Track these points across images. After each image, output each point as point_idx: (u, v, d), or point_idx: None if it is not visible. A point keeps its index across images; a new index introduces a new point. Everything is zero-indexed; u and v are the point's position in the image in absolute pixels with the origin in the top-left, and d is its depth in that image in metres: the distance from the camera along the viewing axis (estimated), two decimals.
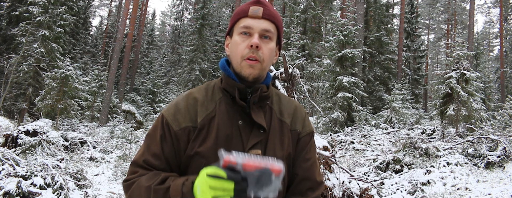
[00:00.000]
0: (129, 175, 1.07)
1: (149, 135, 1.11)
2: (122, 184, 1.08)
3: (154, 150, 1.07)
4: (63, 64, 13.98)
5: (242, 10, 1.11)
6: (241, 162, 0.85)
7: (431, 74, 27.94)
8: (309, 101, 6.00)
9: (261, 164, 0.86)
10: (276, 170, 0.86)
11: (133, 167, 1.08)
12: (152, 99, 24.63)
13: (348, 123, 14.07)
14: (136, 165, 1.07)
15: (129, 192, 1.03)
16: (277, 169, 0.86)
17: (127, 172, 1.09)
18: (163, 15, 48.74)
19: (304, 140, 1.18)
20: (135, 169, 1.07)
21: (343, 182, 4.75)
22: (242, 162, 0.85)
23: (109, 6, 36.23)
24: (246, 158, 0.86)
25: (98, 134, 13.11)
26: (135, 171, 1.06)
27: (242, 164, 0.85)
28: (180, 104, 1.11)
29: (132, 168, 1.08)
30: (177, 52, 31.12)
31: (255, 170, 0.85)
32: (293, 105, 1.22)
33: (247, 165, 0.85)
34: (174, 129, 1.07)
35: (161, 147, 1.06)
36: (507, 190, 5.73)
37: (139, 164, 1.06)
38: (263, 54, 1.07)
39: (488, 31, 41.34)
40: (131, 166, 1.09)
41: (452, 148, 8.76)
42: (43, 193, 4.68)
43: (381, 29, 21.86)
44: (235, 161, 0.85)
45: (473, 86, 12.31)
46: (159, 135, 1.08)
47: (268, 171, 0.85)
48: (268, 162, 0.87)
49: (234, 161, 0.85)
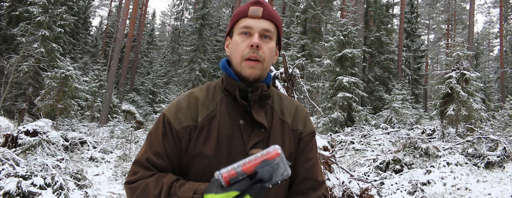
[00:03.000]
0: (131, 175, 1.06)
1: (150, 134, 1.11)
2: (124, 185, 1.07)
3: (156, 148, 1.06)
4: (63, 64, 13.97)
5: (242, 11, 1.12)
6: (240, 170, 0.86)
7: (431, 74, 27.90)
8: (309, 101, 6.00)
9: (258, 160, 0.86)
10: (273, 156, 0.86)
11: (134, 166, 1.07)
12: (152, 98, 24.63)
13: (348, 123, 14.06)
14: (138, 165, 1.06)
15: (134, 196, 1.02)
16: (273, 154, 0.87)
17: (128, 172, 1.09)
18: (163, 15, 48.78)
19: (305, 139, 1.18)
20: (137, 169, 1.06)
21: (343, 182, 4.75)
22: (240, 169, 0.86)
23: (109, 6, 36.24)
24: (241, 164, 0.87)
25: (98, 134, 13.11)
26: (136, 172, 1.05)
27: (241, 171, 0.86)
28: (181, 103, 1.12)
29: (133, 168, 1.07)
30: (177, 52, 31.12)
31: (256, 168, 0.86)
32: (294, 104, 1.22)
33: (246, 169, 0.86)
34: (176, 128, 1.07)
35: (163, 145, 1.06)
36: (507, 190, 5.73)
37: (141, 163, 1.06)
38: (263, 53, 1.08)
39: (488, 31, 41.35)
40: (133, 165, 1.08)
41: (452, 148, 8.76)
42: (43, 193, 4.68)
43: (381, 29, 21.86)
44: (234, 172, 0.86)
45: (473, 86, 12.31)
46: (161, 134, 1.07)
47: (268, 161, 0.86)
48: (262, 155, 0.87)
49: (233, 173, 0.85)
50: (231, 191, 0.84)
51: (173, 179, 1.01)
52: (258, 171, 0.86)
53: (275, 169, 0.87)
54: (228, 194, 0.84)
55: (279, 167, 0.87)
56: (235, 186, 0.85)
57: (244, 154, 1.04)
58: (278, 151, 0.87)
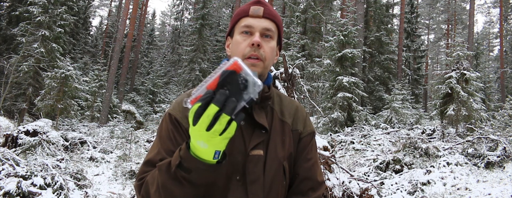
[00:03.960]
0: (141, 174, 1.03)
1: (161, 134, 1.09)
2: (134, 184, 1.05)
3: (170, 147, 1.04)
4: (63, 64, 13.98)
5: (243, 10, 1.13)
6: (204, 87, 0.80)
7: (431, 74, 27.91)
8: (309, 101, 6.00)
9: (218, 74, 0.80)
10: (232, 67, 0.80)
11: (145, 166, 1.04)
12: (152, 98, 24.64)
13: (348, 123, 14.06)
14: (150, 164, 1.03)
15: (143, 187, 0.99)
16: (232, 65, 0.80)
17: (139, 172, 1.06)
18: (163, 15, 48.79)
19: (305, 140, 1.18)
20: (148, 168, 1.03)
21: (343, 182, 4.75)
22: (205, 87, 0.80)
23: (109, 6, 36.24)
24: (204, 83, 0.82)
25: (98, 134, 13.11)
26: (148, 170, 1.02)
27: (206, 89, 0.80)
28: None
29: (144, 168, 1.04)
30: (177, 52, 31.12)
31: (218, 82, 0.80)
32: (294, 105, 1.22)
33: (210, 85, 0.80)
34: (185, 126, 1.06)
35: (176, 143, 1.04)
36: (507, 190, 5.73)
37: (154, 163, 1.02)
38: (264, 52, 1.08)
39: (488, 31, 41.36)
40: (144, 165, 1.05)
41: (452, 148, 8.75)
42: (43, 193, 4.68)
43: (381, 29, 21.86)
44: (200, 94, 0.81)
45: (473, 86, 12.31)
46: (172, 132, 1.06)
47: (227, 72, 0.79)
48: (221, 69, 0.81)
49: (199, 95, 0.81)
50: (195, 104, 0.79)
51: None
52: (222, 84, 0.79)
53: (240, 81, 0.79)
54: (192, 110, 0.79)
55: (248, 81, 0.80)
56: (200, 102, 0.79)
57: (245, 155, 1.03)
58: (237, 61, 0.81)
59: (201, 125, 0.79)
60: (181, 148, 0.90)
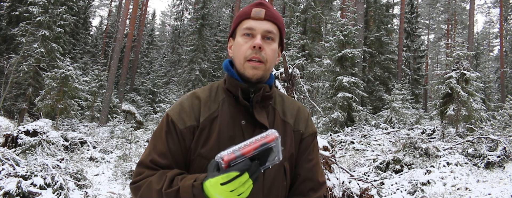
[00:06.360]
0: (136, 176, 1.06)
1: (155, 135, 1.11)
2: (130, 186, 1.07)
3: (160, 149, 1.07)
4: (63, 64, 13.97)
5: (245, 12, 1.13)
6: (239, 153, 0.87)
7: (431, 74, 27.94)
8: (309, 100, 6.00)
9: (257, 143, 0.88)
10: (271, 139, 0.88)
11: (139, 168, 1.07)
12: (152, 98, 24.63)
13: (348, 123, 14.06)
14: (143, 166, 1.06)
15: (138, 195, 1.02)
16: (271, 137, 0.88)
17: (133, 174, 1.09)
18: (163, 15, 48.76)
19: (307, 140, 1.18)
20: (142, 170, 1.06)
21: (343, 182, 4.75)
22: (240, 153, 0.87)
23: (109, 6, 36.23)
24: (241, 147, 0.88)
25: (98, 134, 13.11)
26: (141, 172, 1.05)
27: (240, 154, 0.86)
28: (184, 103, 1.12)
29: (138, 169, 1.07)
30: (177, 52, 31.11)
31: (254, 151, 0.87)
32: (296, 105, 1.23)
33: (245, 152, 0.87)
34: (180, 128, 1.07)
35: (168, 145, 1.07)
36: (507, 190, 5.73)
37: (146, 165, 1.06)
38: (266, 55, 1.08)
39: (488, 31, 41.34)
40: (138, 167, 1.08)
41: (452, 148, 8.76)
42: (43, 193, 4.68)
43: (381, 29, 21.85)
44: (234, 155, 0.86)
45: (473, 86, 12.31)
46: (165, 134, 1.08)
47: (266, 145, 0.88)
48: (261, 137, 0.89)
49: (233, 156, 0.86)
50: (231, 171, 0.84)
51: (176, 172, 1.02)
52: (257, 154, 0.87)
53: (271, 153, 0.89)
54: (228, 175, 0.84)
55: (272, 151, 0.89)
56: (234, 167, 0.85)
57: None
58: (275, 134, 0.89)
59: (229, 187, 0.85)
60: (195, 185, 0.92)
